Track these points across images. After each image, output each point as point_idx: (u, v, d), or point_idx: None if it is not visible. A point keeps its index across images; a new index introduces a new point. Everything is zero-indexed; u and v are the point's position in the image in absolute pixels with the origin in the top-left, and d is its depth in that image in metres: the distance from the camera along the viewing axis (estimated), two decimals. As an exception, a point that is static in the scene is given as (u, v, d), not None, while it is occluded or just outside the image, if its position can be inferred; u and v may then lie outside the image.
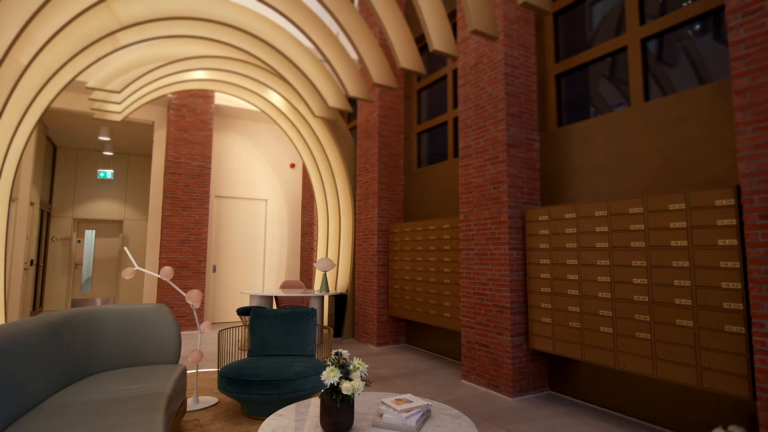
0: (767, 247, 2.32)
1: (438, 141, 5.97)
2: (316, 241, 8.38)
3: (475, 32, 3.72)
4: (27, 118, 4.45)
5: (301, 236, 8.93)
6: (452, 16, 5.67)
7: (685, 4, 3.32)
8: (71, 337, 2.77)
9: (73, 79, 4.71)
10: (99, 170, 10.20)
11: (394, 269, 5.97)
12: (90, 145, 9.83)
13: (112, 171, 10.25)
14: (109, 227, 10.63)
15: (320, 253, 7.42)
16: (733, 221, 2.58)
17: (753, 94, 2.42)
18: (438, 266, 5.13)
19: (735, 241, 2.57)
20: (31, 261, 8.03)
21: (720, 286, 2.63)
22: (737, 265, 2.56)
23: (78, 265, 10.23)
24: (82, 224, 10.37)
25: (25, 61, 3.71)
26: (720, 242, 2.64)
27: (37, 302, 9.02)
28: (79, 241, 10.27)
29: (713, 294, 2.66)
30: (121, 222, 10.65)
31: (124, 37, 4.89)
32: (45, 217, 9.37)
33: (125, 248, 3.35)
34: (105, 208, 10.40)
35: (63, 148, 10.04)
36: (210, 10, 5.02)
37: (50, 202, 9.79)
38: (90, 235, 10.48)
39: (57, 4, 3.72)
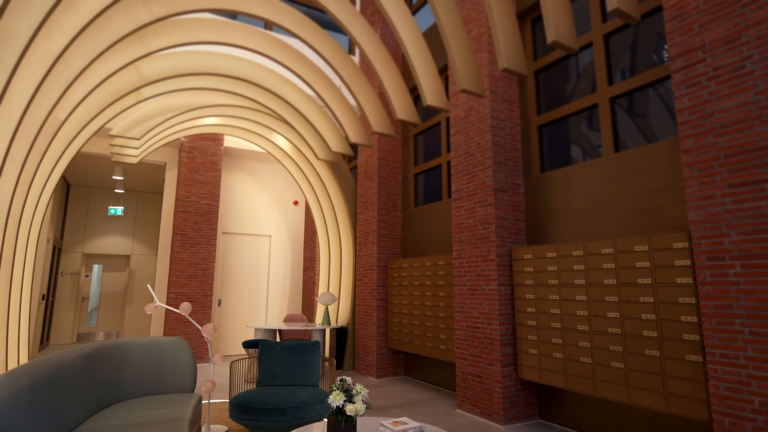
0: (715, 285, 2.68)
1: (433, 181, 6.40)
2: (318, 275, 8.69)
3: (464, 91, 4.19)
4: (59, 165, 4.88)
5: (303, 271, 9.25)
6: (444, 70, 6.21)
7: (660, 62, 3.80)
8: (102, 367, 3.08)
9: (99, 129, 5.17)
10: (110, 207, 10.62)
11: (393, 303, 6.27)
12: (102, 183, 10.29)
13: (122, 207, 10.66)
14: (116, 262, 10.95)
15: (322, 288, 7.73)
16: (688, 262, 2.95)
17: (697, 153, 2.84)
18: (434, 300, 5.45)
19: (690, 280, 2.93)
20: (43, 295, 8.31)
21: (680, 320, 2.97)
22: (693, 300, 2.91)
23: (85, 299, 10.49)
24: (90, 259, 10.69)
25: (63, 117, 4.17)
26: (678, 280, 3.00)
27: (45, 336, 9.24)
28: (87, 276, 10.57)
29: (675, 326, 2.99)
30: (128, 257, 10.97)
31: (147, 91, 5.38)
32: (56, 252, 9.71)
33: (148, 285, 3.70)
34: (113, 243, 10.75)
35: (76, 185, 10.49)
36: (224, 65, 5.55)
37: (61, 237, 10.16)
38: (97, 269, 10.79)
39: (95, 66, 4.21)
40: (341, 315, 7.18)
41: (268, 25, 7.49)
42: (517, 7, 4.98)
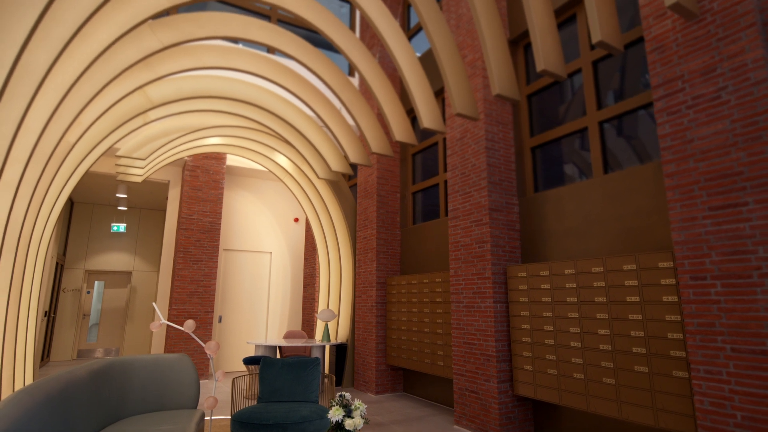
0: (698, 303, 2.80)
1: (431, 199, 6.55)
2: (318, 292, 8.79)
3: (459, 115, 4.37)
4: (67, 186, 5.03)
5: (303, 287, 9.34)
6: (440, 92, 6.41)
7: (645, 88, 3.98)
8: (109, 383, 3.18)
9: (107, 150, 5.33)
10: (113, 224, 10.75)
11: (392, 320, 6.37)
12: (106, 200, 10.44)
13: (125, 224, 10.80)
14: (118, 278, 11.04)
15: (322, 304, 7.82)
16: (673, 281, 3.07)
17: (679, 177, 2.98)
18: (432, 317, 5.55)
19: (675, 298, 3.05)
20: (45, 312, 8.39)
21: (667, 336, 3.08)
22: (678, 318, 3.02)
23: (86, 315, 10.55)
24: (92, 275, 10.78)
25: (73, 140, 4.33)
26: (664, 298, 3.12)
27: (45, 353, 9.28)
28: (88, 292, 10.65)
29: (662, 343, 3.10)
30: (129, 273, 11.07)
31: (153, 114, 5.57)
32: (59, 269, 9.81)
33: (154, 304, 3.81)
34: (115, 259, 10.85)
35: (80, 203, 10.64)
36: (227, 88, 5.75)
37: (64, 254, 10.27)
38: (99, 286, 10.88)
39: (104, 92, 4.39)
40: (341, 331, 7.26)
41: (271, 49, 7.72)
42: (510, 33, 5.19)
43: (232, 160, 8.43)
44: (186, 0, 4.04)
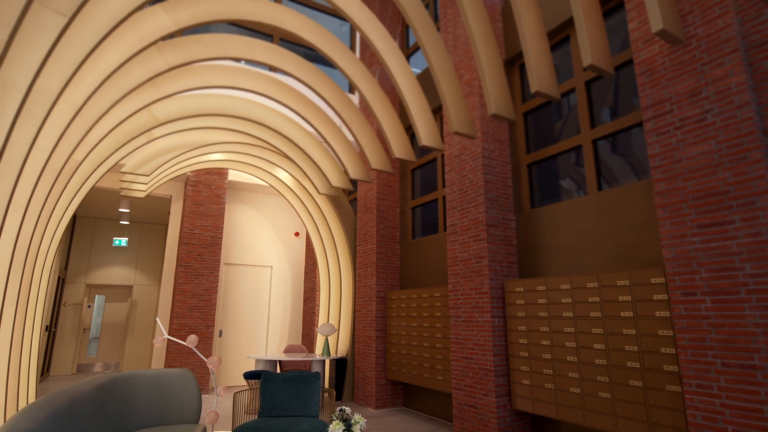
0: (689, 318, 2.87)
1: (430, 214, 6.65)
2: (318, 306, 8.83)
3: (456, 133, 4.49)
4: (73, 202, 5.13)
5: (304, 301, 9.38)
6: (438, 109, 6.54)
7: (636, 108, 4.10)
8: (113, 398, 3.24)
9: (112, 167, 5.45)
10: (115, 238, 10.83)
11: (392, 334, 6.41)
12: (108, 214, 10.54)
13: (126, 239, 10.88)
14: (118, 292, 11.08)
15: (322, 318, 7.86)
16: (665, 296, 3.15)
17: (668, 195, 3.08)
18: (431, 332, 5.60)
19: (667, 313, 3.12)
20: (46, 327, 8.43)
21: (660, 351, 3.15)
22: (671, 333, 3.09)
23: (86, 329, 10.57)
24: (93, 289, 10.83)
25: (80, 158, 4.44)
26: (657, 314, 3.19)
27: (45, 367, 9.29)
28: (89, 306, 10.68)
29: (655, 358, 3.17)
30: (130, 287, 11.11)
31: (158, 131, 5.69)
32: (60, 283, 9.86)
33: (157, 319, 3.88)
34: (116, 273, 10.91)
35: (82, 217, 10.74)
36: (231, 106, 5.89)
37: (66, 268, 10.33)
38: (100, 299, 10.91)
39: (112, 111, 4.51)
40: (341, 345, 7.29)
41: (273, 68, 7.90)
42: (505, 53, 5.34)
43: (233, 175, 8.55)
44: (191, 23, 4.19)
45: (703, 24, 3.02)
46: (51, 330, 9.26)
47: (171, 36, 4.97)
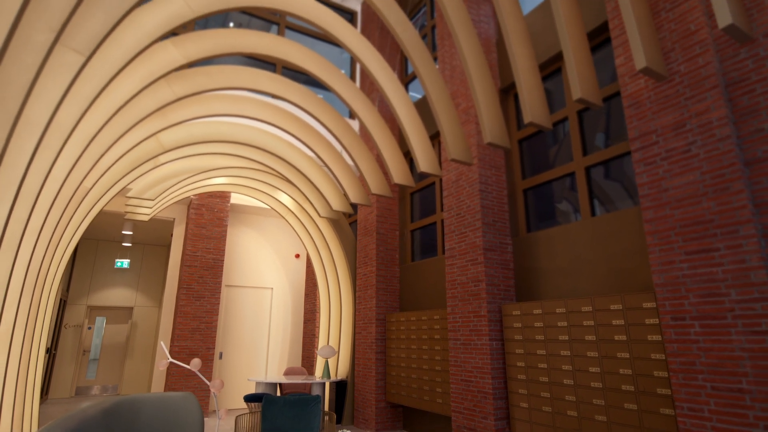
0: (679, 343, 2.97)
1: (429, 237, 6.76)
2: (318, 327, 8.87)
3: (453, 160, 4.64)
4: (81, 227, 5.25)
5: (304, 323, 9.42)
6: (436, 135, 6.73)
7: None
8: (118, 421, 3.30)
9: (119, 192, 5.59)
10: (117, 260, 10.92)
11: (391, 356, 6.45)
12: (111, 236, 10.65)
13: (128, 260, 10.96)
14: (119, 314, 11.10)
15: (322, 340, 7.90)
16: (656, 320, 3.25)
17: (657, 223, 3.21)
18: (430, 354, 5.65)
19: (659, 337, 3.22)
20: (47, 349, 8.45)
21: (653, 374, 3.23)
22: (663, 356, 3.18)
23: (86, 351, 10.56)
24: (94, 311, 10.86)
25: (90, 185, 4.59)
26: (649, 337, 3.28)
27: (44, 390, 9.25)
28: (89, 328, 10.69)
29: (649, 381, 3.25)
30: (131, 309, 11.14)
31: (164, 157, 5.86)
32: (62, 305, 9.90)
33: (161, 342, 3.95)
34: (117, 295, 10.96)
35: (85, 239, 10.84)
36: (235, 132, 6.07)
37: (68, 290, 10.38)
38: (100, 321, 10.93)
39: (121, 140, 4.68)
40: (341, 367, 7.31)
41: (276, 96, 8.13)
42: (501, 83, 5.54)
43: (235, 198, 8.70)
44: (200, 57, 4.39)
45: (684, 61, 3.20)
46: (51, 352, 9.26)
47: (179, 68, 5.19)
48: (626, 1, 3.14)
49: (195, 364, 3.82)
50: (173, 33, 7.48)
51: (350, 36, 4.92)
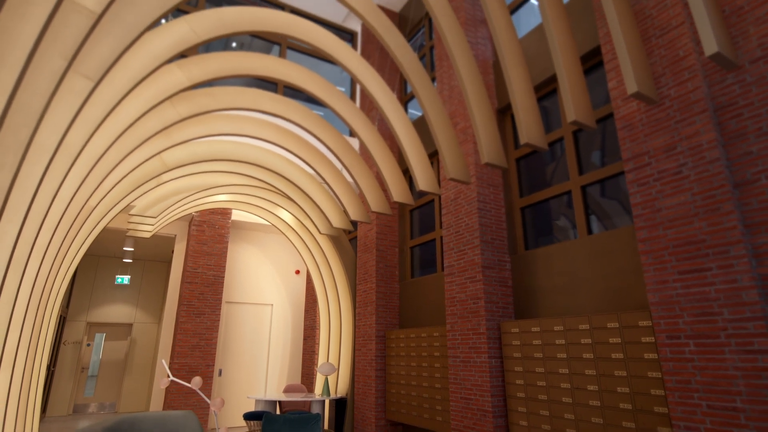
0: (674, 361, 3.01)
1: (429, 253, 6.82)
2: (318, 344, 8.86)
3: (452, 180, 4.73)
4: (84, 245, 5.32)
5: (304, 339, 9.41)
6: (435, 153, 6.84)
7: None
8: (119, 440, 3.32)
9: (122, 210, 5.66)
10: (117, 276, 10.94)
11: (391, 374, 6.45)
12: (112, 252, 10.69)
13: (129, 277, 10.99)
14: (118, 330, 11.08)
15: (322, 357, 7.89)
16: (652, 339, 3.29)
17: (651, 243, 3.28)
18: (430, 372, 5.66)
19: (655, 356, 3.26)
20: (47, 366, 8.43)
21: (650, 393, 3.26)
22: (659, 375, 3.22)
23: (85, 368, 10.52)
24: (93, 327, 10.84)
25: (95, 203, 4.66)
26: (645, 356, 3.32)
27: (43, 408, 9.20)
28: (89, 345, 10.67)
29: (646, 399, 3.28)
30: (131, 325, 11.13)
31: (167, 175, 5.95)
32: (61, 321, 9.90)
33: (162, 361, 3.98)
34: (117, 311, 10.95)
35: (85, 255, 10.89)
36: (237, 151, 6.18)
37: (67, 306, 10.39)
38: (99, 338, 10.91)
39: (126, 160, 4.77)
40: (340, 385, 7.30)
41: (277, 115, 8.27)
42: (498, 103, 5.66)
43: (237, 215, 8.77)
44: (204, 79, 4.50)
45: (674, 86, 3.30)
46: (50, 369, 9.23)
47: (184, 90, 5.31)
48: (617, 29, 3.26)
49: (196, 383, 3.84)
50: (182, 55, 7.64)
51: (351, 58, 5.05)
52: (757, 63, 2.96)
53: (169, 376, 3.71)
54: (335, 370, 6.94)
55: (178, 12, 8.09)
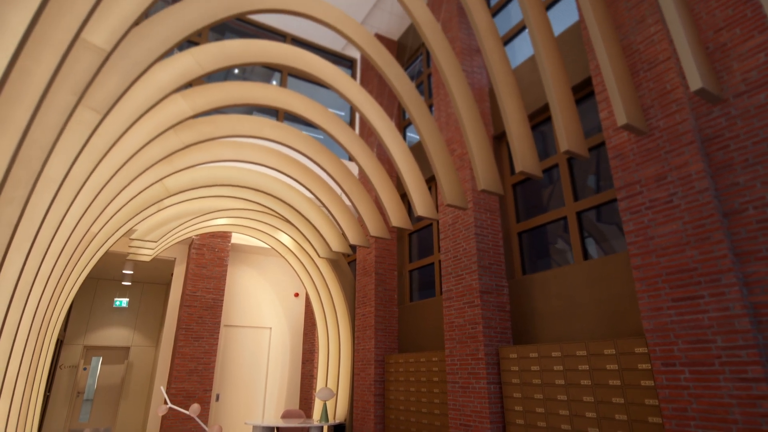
0: (671, 388, 3.03)
1: (427, 277, 6.85)
2: (317, 368, 8.79)
3: (449, 206, 4.81)
4: (86, 270, 5.36)
5: (302, 363, 9.34)
6: (432, 178, 6.94)
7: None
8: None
9: (123, 235, 5.72)
10: (115, 299, 10.92)
11: (390, 399, 6.41)
12: (110, 275, 10.70)
13: (127, 299, 10.97)
14: (115, 354, 11.00)
15: (320, 381, 7.83)
16: (648, 366, 3.32)
17: (644, 269, 3.34)
18: (429, 397, 5.64)
19: (652, 383, 3.28)
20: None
21: (648, 420, 3.27)
22: (656, 402, 3.23)
23: (80, 393, 10.39)
24: (90, 351, 10.76)
25: (97, 230, 4.72)
26: (642, 383, 3.34)
27: (36, 434, 9.06)
28: (85, 369, 10.57)
29: (644, 427, 3.28)
30: (128, 348, 11.05)
31: (168, 201, 6.03)
32: (58, 345, 9.84)
33: (162, 388, 3.99)
34: (114, 334, 10.89)
35: (85, 278, 10.88)
36: (237, 176, 6.27)
37: (65, 330, 10.33)
38: (96, 362, 10.81)
39: (128, 187, 4.85)
40: (339, 409, 7.23)
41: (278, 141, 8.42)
42: (494, 130, 5.79)
43: (236, 238, 8.83)
44: (207, 108, 4.62)
45: (663, 117, 3.42)
46: (46, 394, 9.14)
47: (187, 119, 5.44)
48: (606, 63, 3.39)
49: (194, 410, 3.84)
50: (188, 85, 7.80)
51: (350, 87, 5.19)
52: (742, 97, 3.07)
53: (167, 403, 3.71)
54: (334, 395, 6.89)
55: (184, 43, 8.31)
